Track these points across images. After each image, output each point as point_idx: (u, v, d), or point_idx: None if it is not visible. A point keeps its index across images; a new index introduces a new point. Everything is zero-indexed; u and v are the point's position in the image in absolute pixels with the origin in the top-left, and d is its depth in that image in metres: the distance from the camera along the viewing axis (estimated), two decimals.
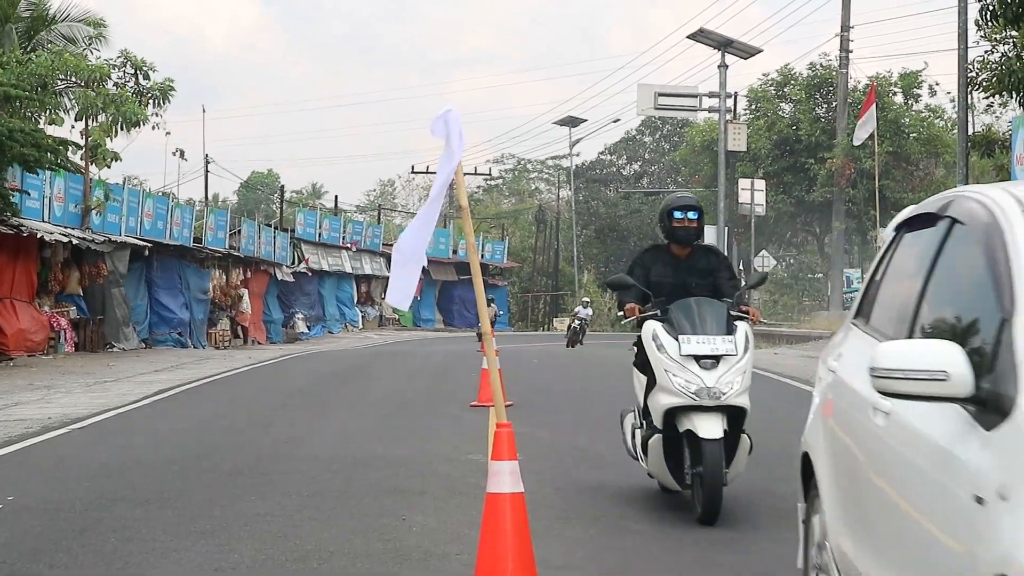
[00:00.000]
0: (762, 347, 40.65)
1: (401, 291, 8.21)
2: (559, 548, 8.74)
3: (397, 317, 68.09)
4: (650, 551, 8.77)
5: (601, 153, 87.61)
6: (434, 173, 72.17)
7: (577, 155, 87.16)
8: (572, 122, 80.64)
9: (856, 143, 44.72)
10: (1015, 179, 24.56)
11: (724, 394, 9.44)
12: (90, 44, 34.97)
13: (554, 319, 77.81)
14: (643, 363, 10.07)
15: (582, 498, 10.59)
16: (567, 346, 46.23)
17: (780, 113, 57.84)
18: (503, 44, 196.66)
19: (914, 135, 52.84)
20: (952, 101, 31.82)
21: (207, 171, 65.64)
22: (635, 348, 10.32)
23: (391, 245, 67.54)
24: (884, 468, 4.75)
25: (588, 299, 56.53)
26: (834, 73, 54.42)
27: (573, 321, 50.09)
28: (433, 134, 8.32)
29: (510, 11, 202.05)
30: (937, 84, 52.16)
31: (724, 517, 9.72)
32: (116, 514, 9.91)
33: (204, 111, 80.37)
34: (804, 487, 6.53)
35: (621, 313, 10.51)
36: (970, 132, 28.27)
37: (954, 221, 4.99)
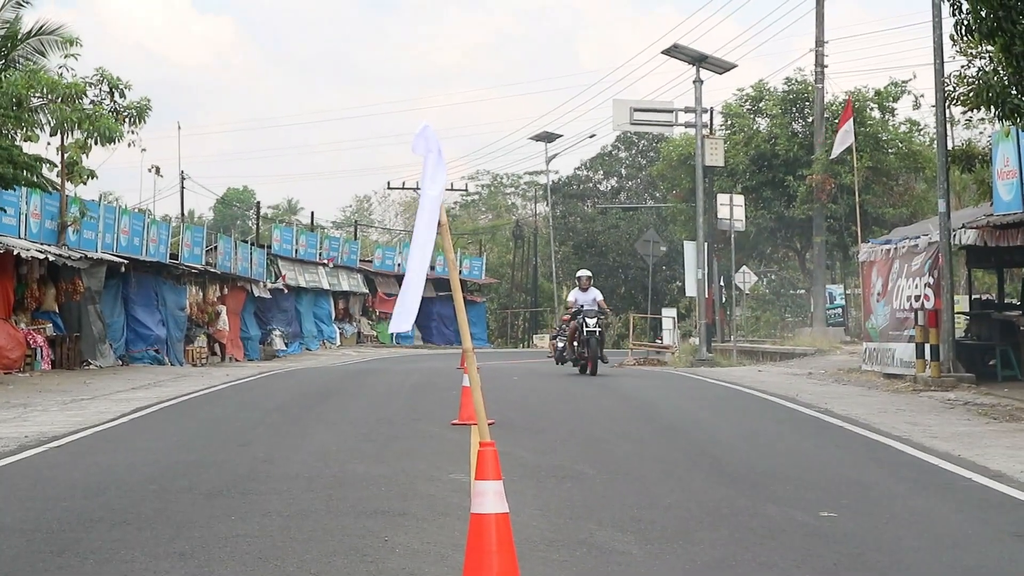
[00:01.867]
0: (745, 364, 40.63)
1: (404, 315, 8.12)
2: (545, 571, 8.62)
3: (375, 334, 67.87)
4: (638, 574, 8.65)
5: (577, 168, 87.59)
6: (410, 189, 71.41)
7: (555, 172, 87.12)
8: (548, 137, 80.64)
9: (832, 156, 44.68)
10: (996, 194, 24.56)
11: None
12: (66, 59, 34.76)
13: (534, 336, 77.34)
14: None
15: (567, 520, 10.44)
16: (582, 371, 30.33)
17: (756, 128, 57.84)
18: (475, 61, 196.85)
19: (893, 150, 52.83)
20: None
21: (183, 187, 65.49)
22: None
23: (369, 261, 67.98)
24: None
25: (588, 273, 32.31)
26: (810, 88, 54.46)
27: (582, 324, 30.24)
28: (414, 151, 8.29)
29: (481, 29, 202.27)
30: (922, 96, 52.11)
31: (712, 538, 9.63)
32: (94, 535, 9.78)
33: (180, 128, 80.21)
34: None
35: None
36: (950, 146, 28.26)
37: None
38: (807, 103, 55.78)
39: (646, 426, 18.25)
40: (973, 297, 33.91)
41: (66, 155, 34.00)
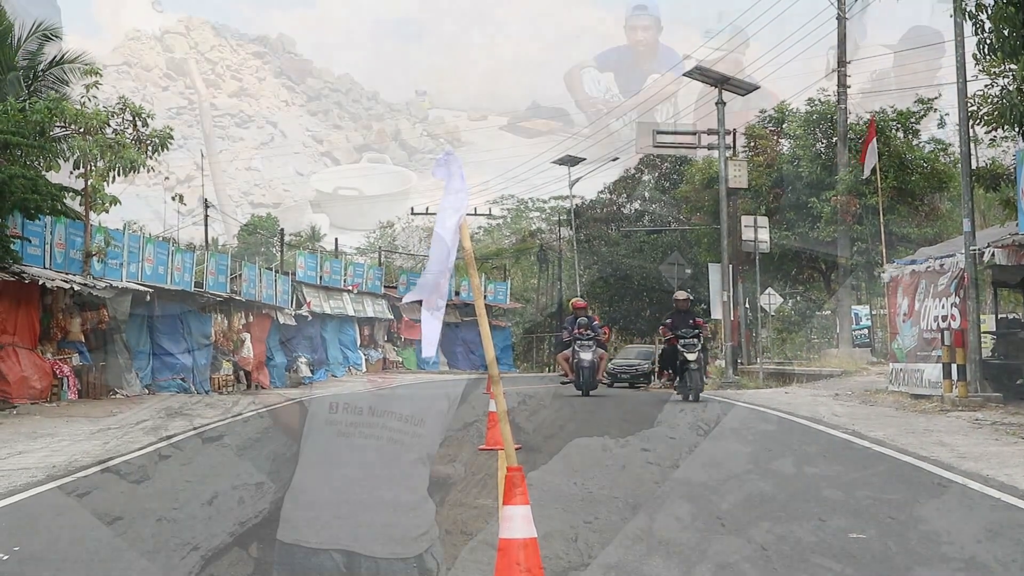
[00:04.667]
0: (772, 386, 40.51)
1: (432, 342, 8.10)
2: None
3: (401, 360, 67.82)
4: None
5: (601, 192, 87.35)
6: (433, 214, 71.31)
7: (581, 198, 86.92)
8: (571, 161, 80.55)
9: (864, 175, 44.64)
10: (1022, 212, 24.43)
11: None
12: (88, 91, 34.96)
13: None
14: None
15: (596, 545, 10.39)
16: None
17: (779, 150, 57.73)
18: (497, 85, 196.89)
19: (918, 170, 52.53)
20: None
21: (207, 215, 65.66)
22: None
23: (393, 287, 67.95)
24: None
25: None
26: (833, 109, 54.30)
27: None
28: (435, 176, 8.20)
29: (502, 54, 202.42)
30: (947, 115, 51.83)
31: (741, 560, 9.57)
32: (123, 565, 9.78)
33: (203, 155, 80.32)
34: None
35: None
36: (975, 166, 28.14)
37: None
38: (830, 124, 55.61)
39: (673, 449, 18.18)
40: (1000, 316, 33.72)
41: (88, 182, 34.12)
